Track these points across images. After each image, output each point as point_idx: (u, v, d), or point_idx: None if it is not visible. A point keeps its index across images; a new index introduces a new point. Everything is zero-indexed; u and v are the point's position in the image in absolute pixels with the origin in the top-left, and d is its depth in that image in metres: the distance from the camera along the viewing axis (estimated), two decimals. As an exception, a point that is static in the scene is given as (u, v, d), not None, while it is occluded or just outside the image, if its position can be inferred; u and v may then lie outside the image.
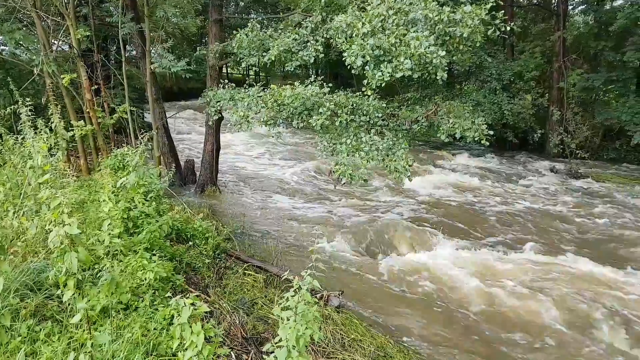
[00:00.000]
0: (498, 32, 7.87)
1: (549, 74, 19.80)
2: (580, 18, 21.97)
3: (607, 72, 18.76)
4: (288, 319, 3.16)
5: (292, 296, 3.24)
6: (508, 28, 7.68)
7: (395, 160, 7.89)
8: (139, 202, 6.34)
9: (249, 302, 5.99)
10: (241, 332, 4.92)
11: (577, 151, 17.59)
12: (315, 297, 6.60)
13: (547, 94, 19.45)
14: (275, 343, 3.16)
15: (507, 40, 21.56)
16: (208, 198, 10.77)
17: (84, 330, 3.93)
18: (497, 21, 7.46)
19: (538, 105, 19.26)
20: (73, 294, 3.75)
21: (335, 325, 6.06)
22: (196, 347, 3.52)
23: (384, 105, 8.86)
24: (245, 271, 6.79)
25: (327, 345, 5.53)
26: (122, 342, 4.01)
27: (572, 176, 16.27)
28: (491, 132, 8.04)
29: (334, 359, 5.32)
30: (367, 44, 7.09)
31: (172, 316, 4.17)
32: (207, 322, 4.20)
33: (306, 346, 5.25)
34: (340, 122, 8.00)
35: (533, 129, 18.77)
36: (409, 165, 8.03)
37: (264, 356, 3.27)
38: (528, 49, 20.17)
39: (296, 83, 8.08)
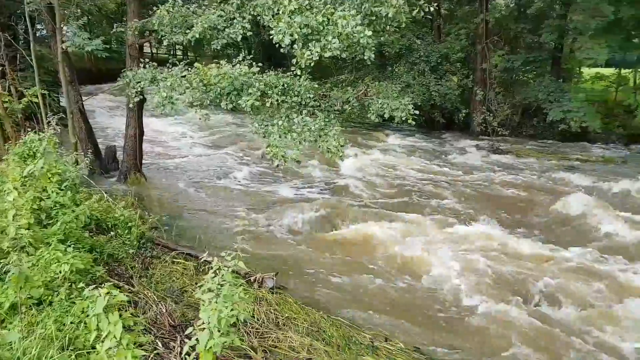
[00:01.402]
0: (422, 13, 8.02)
1: (473, 55, 20.64)
2: (502, 1, 23.02)
3: (525, 54, 19.89)
4: (210, 301, 3.06)
5: (212, 277, 3.14)
6: (432, 9, 7.85)
7: (327, 141, 7.89)
8: (53, 192, 5.91)
9: (179, 290, 5.80)
10: (168, 320, 4.74)
11: (499, 129, 18.60)
12: (249, 279, 6.54)
13: (471, 75, 20.31)
14: (198, 326, 3.05)
15: (434, 22, 22.21)
16: (132, 186, 10.27)
17: (-12, 329, 3.61)
18: (421, 2, 7.59)
19: (463, 86, 20.09)
20: (-28, 291, 3.43)
21: (270, 306, 6.05)
22: (114, 337, 3.34)
23: (316, 85, 8.81)
24: (174, 259, 6.56)
25: (261, 326, 5.51)
26: (34, 338, 3.74)
27: (495, 152, 17.20)
28: (417, 112, 8.26)
29: (268, 338, 5.32)
30: (295, 21, 6.97)
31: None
32: (128, 312, 4.00)
33: (236, 327, 5.21)
34: (271, 103, 7.85)
35: (459, 109, 19.60)
36: (342, 146, 8.07)
37: (186, 340, 3.16)
38: (454, 31, 20.89)
39: (222, 62, 7.80)
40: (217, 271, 3.23)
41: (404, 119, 8.24)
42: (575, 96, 18.26)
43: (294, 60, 7.18)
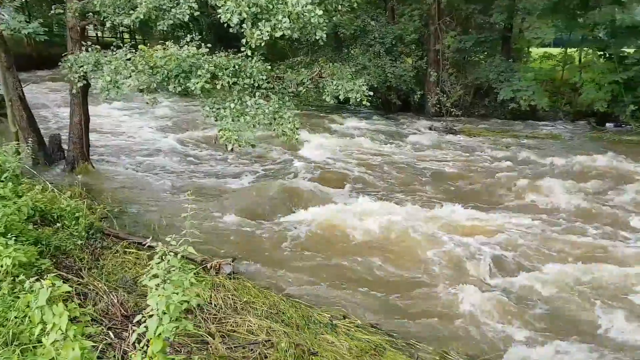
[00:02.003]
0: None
1: (427, 36, 20.88)
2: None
3: (477, 34, 20.31)
4: (157, 287, 2.99)
5: (158, 263, 3.07)
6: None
7: (282, 124, 7.82)
8: (-9, 183, 5.61)
9: (131, 280, 5.66)
10: (120, 311, 4.63)
11: (452, 109, 19.01)
12: (206, 266, 6.48)
13: (425, 57, 20.58)
14: (147, 313, 2.98)
15: (387, 3, 22.28)
16: (80, 175, 9.85)
17: None
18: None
19: (417, 68, 20.35)
20: None
21: (227, 292, 6.02)
22: (60, 329, 3.22)
23: (269, 67, 8.67)
24: (126, 249, 6.39)
25: (219, 312, 5.49)
26: (-25, 335, 3.57)
27: (449, 133, 17.58)
28: (371, 93, 8.31)
29: (226, 323, 5.31)
30: (243, 0, 6.81)
31: (36, 302, 3.79)
32: (74, 304, 3.86)
33: (192, 314, 5.15)
34: (222, 85, 7.68)
35: (414, 90, 19.88)
36: (297, 128, 8.03)
37: (134, 327, 3.08)
38: (407, 12, 21.03)
39: (168, 43, 7.54)
40: (163, 257, 3.15)
41: (358, 100, 8.27)
42: (524, 75, 18.89)
43: (243, 41, 7.03)
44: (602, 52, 19.60)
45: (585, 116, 19.89)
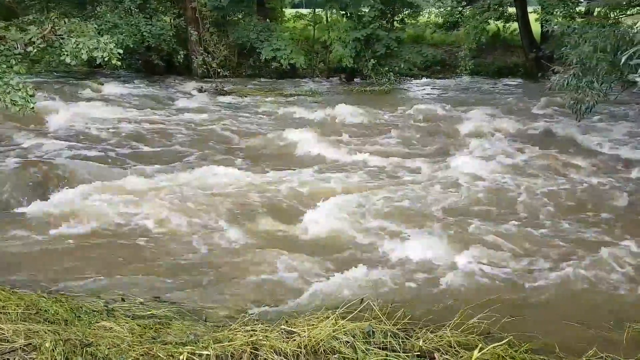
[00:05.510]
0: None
1: (181, -7, 20.00)
2: None
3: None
4: None
5: None
6: None
7: (10, 93, 6.54)
8: None
9: None
10: None
11: (219, 70, 18.95)
12: None
13: (183, 15, 19.73)
14: None
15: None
16: None
17: None
18: None
19: (177, 27, 19.43)
20: None
21: (-34, 303, 4.91)
22: None
23: (-19, 25, 7.02)
24: None
25: (-47, 329, 4.44)
26: None
27: (219, 94, 17.54)
28: (120, 51, 7.58)
29: (-35, 339, 4.35)
30: None
31: None
32: None
33: None
34: None
35: (176, 50, 19.01)
36: (31, 96, 6.83)
37: None
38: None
39: None
40: None
41: (106, 59, 7.51)
42: (281, 35, 19.95)
43: None
44: (344, 12, 21.86)
45: (337, 72, 22.27)
